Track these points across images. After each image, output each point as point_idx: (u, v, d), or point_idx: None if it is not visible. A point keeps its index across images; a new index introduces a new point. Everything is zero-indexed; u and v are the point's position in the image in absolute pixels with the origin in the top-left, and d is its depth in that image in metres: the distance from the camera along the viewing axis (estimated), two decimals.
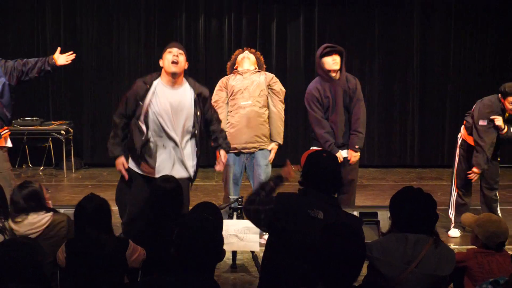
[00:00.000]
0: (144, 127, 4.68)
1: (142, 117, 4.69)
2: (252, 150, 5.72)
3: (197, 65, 10.24)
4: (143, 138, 4.68)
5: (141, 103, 4.68)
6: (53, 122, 9.60)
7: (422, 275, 2.94)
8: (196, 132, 4.84)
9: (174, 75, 4.75)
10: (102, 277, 3.36)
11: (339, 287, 2.50)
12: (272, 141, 5.80)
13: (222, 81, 5.82)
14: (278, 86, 5.82)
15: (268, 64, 7.40)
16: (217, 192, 8.09)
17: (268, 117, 5.78)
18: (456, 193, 6.07)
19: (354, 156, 5.60)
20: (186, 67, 4.84)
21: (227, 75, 5.90)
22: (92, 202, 3.51)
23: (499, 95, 5.80)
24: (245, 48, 6.01)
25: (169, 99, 4.71)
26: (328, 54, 5.63)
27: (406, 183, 4.51)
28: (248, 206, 3.38)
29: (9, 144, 5.43)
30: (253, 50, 5.94)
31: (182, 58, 4.78)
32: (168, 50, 4.79)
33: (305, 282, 2.79)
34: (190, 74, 5.16)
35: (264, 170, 5.71)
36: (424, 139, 10.58)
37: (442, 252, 3.04)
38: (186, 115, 4.75)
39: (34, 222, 3.71)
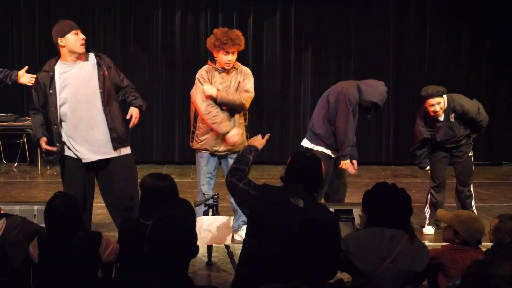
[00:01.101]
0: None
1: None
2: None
3: (173, 60, 10.20)
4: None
5: (51, 91, 4.79)
6: (27, 118, 9.48)
7: (397, 270, 2.96)
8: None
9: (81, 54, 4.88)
10: (75, 272, 3.33)
11: (314, 283, 2.50)
12: None
13: None
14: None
15: (244, 60, 7.39)
16: (193, 188, 8.06)
17: None
18: (429, 192, 6.14)
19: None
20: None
21: (202, 70, 5.74)
22: (61, 200, 3.45)
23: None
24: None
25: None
26: None
27: (381, 180, 4.53)
28: (235, 181, 3.53)
29: None
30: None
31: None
32: (74, 32, 4.83)
33: (284, 270, 2.79)
34: (165, 69, 5.15)
35: None
36: (399, 136, 10.65)
37: (417, 248, 3.06)
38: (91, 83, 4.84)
39: None
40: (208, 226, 4.47)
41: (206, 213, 4.88)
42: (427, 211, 6.14)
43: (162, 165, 10.11)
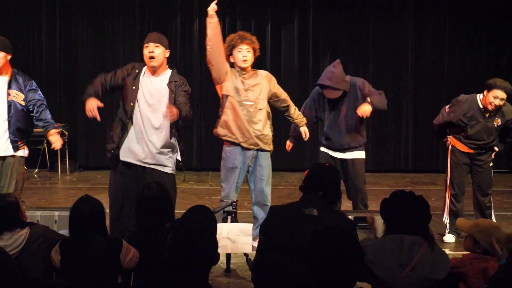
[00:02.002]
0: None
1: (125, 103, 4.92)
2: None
3: (191, 67, 10.24)
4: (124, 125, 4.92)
5: (133, 87, 4.90)
6: None
7: (417, 278, 2.95)
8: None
9: (153, 68, 4.96)
10: (96, 277, 3.35)
11: None
12: None
13: None
14: None
15: (262, 67, 7.40)
16: (211, 195, 8.08)
17: None
18: (449, 199, 6.08)
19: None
20: (167, 55, 5.02)
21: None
22: (86, 203, 3.50)
23: (485, 91, 5.78)
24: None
25: (148, 87, 4.92)
26: None
27: (400, 188, 4.51)
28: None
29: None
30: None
31: (158, 51, 4.90)
32: (145, 45, 4.94)
33: (300, 282, 2.78)
34: (185, 76, 5.18)
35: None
36: (418, 143, 10.60)
37: (437, 255, 3.04)
38: (161, 103, 4.87)
39: (9, 244, 3.43)
40: (227, 234, 4.47)
41: (224, 220, 4.89)
42: (446, 219, 6.09)
43: (180, 171, 10.11)
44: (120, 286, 3.45)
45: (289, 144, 6.17)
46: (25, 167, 5.51)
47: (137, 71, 4.97)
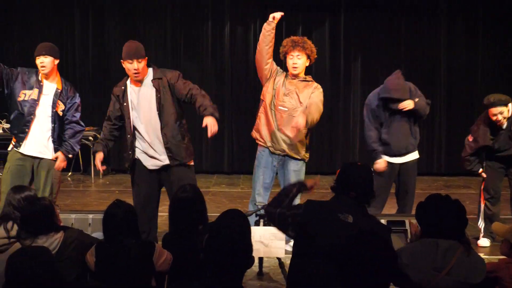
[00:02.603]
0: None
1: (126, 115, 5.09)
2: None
3: (222, 73, 10.27)
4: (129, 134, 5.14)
5: (124, 104, 5.07)
6: None
7: (452, 282, 2.92)
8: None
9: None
10: (130, 281, 3.39)
11: None
12: None
13: None
14: None
15: None
16: (243, 199, 8.09)
17: None
18: (484, 203, 6.01)
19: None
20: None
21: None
22: (119, 208, 3.55)
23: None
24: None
25: (136, 99, 5.08)
26: None
27: (433, 191, 4.46)
28: (271, 209, 3.40)
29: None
30: None
31: (141, 66, 4.99)
32: (128, 61, 4.98)
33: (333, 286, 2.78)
34: (215, 79, 5.26)
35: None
36: (451, 146, 10.45)
37: (473, 260, 3.02)
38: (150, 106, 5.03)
39: (46, 246, 3.43)
40: (260, 238, 4.47)
41: (257, 223, 4.90)
42: (481, 223, 6.02)
43: (212, 174, 10.18)
44: None
45: None
46: (60, 171, 5.60)
47: (122, 87, 5.12)
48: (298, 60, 5.52)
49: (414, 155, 5.94)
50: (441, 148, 10.50)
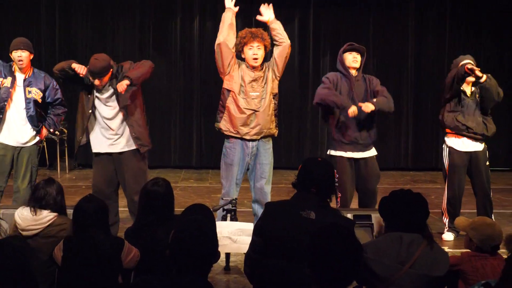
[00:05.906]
0: None
1: None
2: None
3: (192, 65, 10.23)
4: None
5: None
6: None
7: (416, 275, 2.95)
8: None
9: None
10: (97, 277, 3.37)
11: None
12: None
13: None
14: None
15: None
16: (211, 193, 8.08)
17: None
18: (447, 199, 6.07)
19: (366, 105, 5.57)
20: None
21: (220, 77, 5.76)
22: (91, 202, 3.57)
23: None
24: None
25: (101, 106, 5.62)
26: (349, 51, 5.66)
27: (400, 186, 4.50)
28: (246, 269, 3.40)
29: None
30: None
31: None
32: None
33: (299, 284, 2.78)
34: (184, 74, 5.20)
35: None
36: (418, 141, 10.59)
37: (436, 253, 3.05)
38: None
39: (37, 218, 3.78)
40: (228, 233, 4.45)
41: (224, 218, 4.89)
42: (445, 217, 6.10)
43: (180, 169, 10.14)
44: (121, 285, 3.46)
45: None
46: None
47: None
48: (258, 51, 5.50)
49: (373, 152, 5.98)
50: (408, 142, 10.61)
